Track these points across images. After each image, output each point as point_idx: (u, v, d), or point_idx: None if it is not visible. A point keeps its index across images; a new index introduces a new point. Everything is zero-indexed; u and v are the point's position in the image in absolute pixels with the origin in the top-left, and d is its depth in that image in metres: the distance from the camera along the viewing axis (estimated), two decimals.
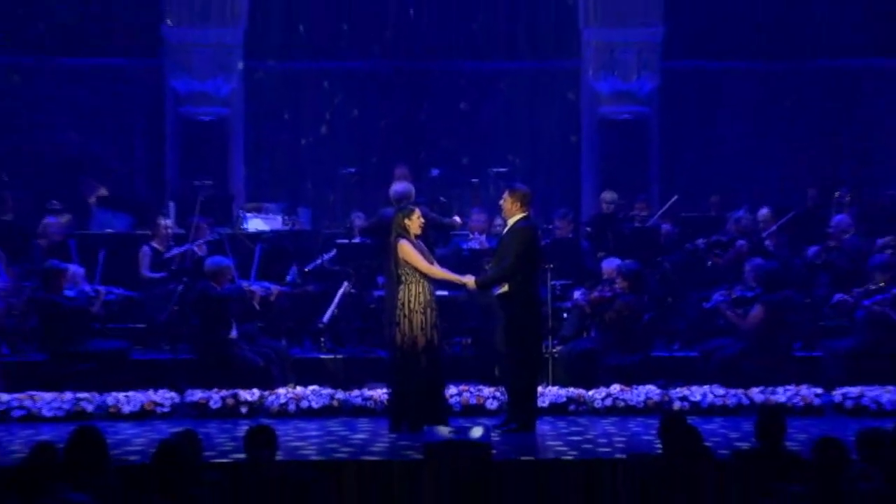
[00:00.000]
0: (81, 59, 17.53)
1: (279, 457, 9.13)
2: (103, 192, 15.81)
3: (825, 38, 17.21)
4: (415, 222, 11.77)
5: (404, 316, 11.70)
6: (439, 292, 12.14)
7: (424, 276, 11.68)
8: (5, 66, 17.59)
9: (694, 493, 7.92)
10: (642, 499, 8.46)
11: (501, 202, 12.12)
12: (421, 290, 11.68)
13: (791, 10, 17.37)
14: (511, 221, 11.84)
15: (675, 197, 15.35)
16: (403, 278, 11.68)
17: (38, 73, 17.56)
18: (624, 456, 10.48)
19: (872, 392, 13.01)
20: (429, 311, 11.73)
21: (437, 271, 11.84)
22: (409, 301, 11.69)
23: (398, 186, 13.17)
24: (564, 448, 11.17)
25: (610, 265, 14.06)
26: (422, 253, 11.77)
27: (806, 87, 17.29)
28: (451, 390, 12.61)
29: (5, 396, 12.88)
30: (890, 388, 13.08)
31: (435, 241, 12.79)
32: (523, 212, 11.81)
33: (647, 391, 13.10)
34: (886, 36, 17.12)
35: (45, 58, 17.08)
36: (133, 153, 17.25)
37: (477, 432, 10.77)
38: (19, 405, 12.78)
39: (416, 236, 11.85)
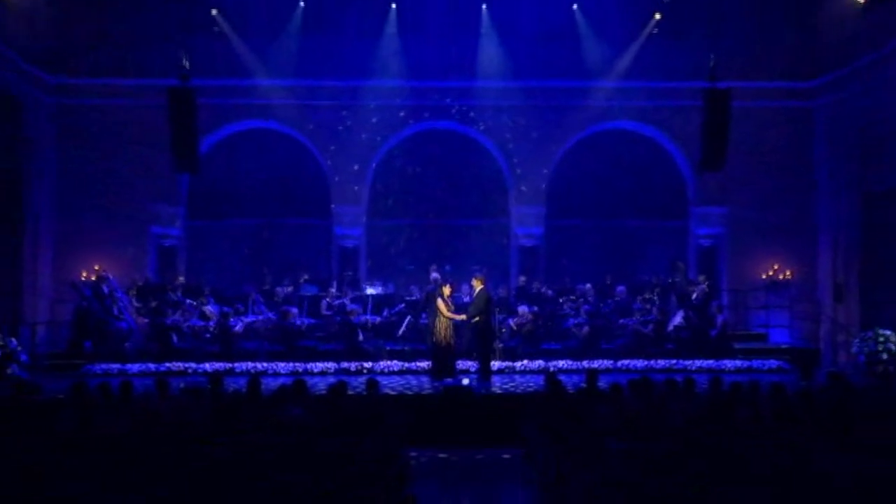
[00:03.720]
0: (291, 219, 16.85)
1: (381, 391, 9.55)
2: (306, 276, 15.63)
3: (617, 207, 16.78)
4: (447, 289, 12.12)
5: (437, 330, 11.98)
6: (455, 321, 12.17)
7: (445, 315, 11.99)
8: (242, 225, 16.83)
9: (560, 408, 8.07)
10: (540, 412, 8.44)
11: (472, 281, 12.47)
12: (444, 320, 11.96)
13: (601, 194, 16.80)
14: (477, 289, 12.14)
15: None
16: (437, 314, 12.02)
17: (273, 229, 16.93)
18: (532, 392, 10.94)
19: (632, 363, 13.39)
20: (448, 329, 11.96)
21: (450, 315, 11.96)
22: (439, 324, 11.97)
23: (433, 275, 13.33)
24: (507, 388, 11.51)
25: (523, 308, 14.28)
26: (447, 304, 12.00)
27: (609, 235, 16.94)
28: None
29: (266, 365, 13.03)
30: (640, 360, 13.44)
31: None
32: (482, 284, 12.14)
33: (539, 363, 13.32)
34: (651, 206, 16.93)
35: (278, 219, 16.89)
36: (318, 260, 17.35)
37: (465, 381, 11.52)
38: (270, 368, 12.97)
39: (449, 295, 12.10)
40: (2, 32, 13.79)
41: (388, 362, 13.36)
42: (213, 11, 15.75)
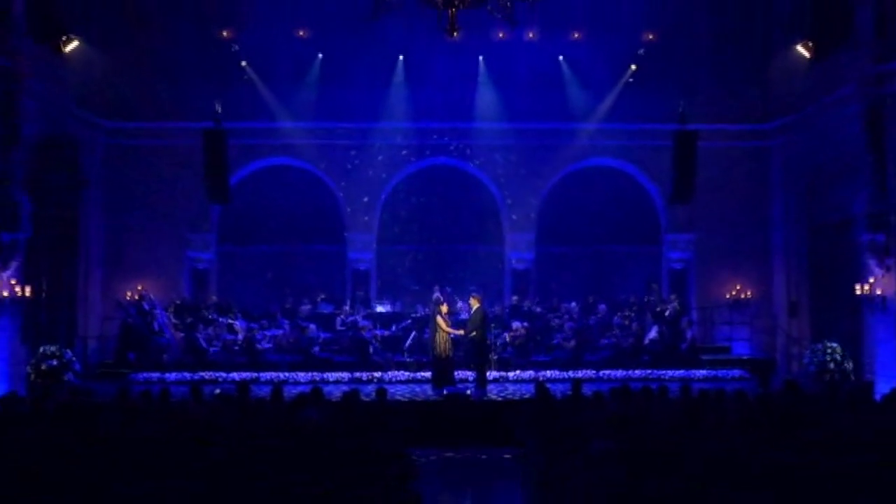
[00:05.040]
0: (310, 245, 16.76)
1: (389, 398, 9.48)
2: (322, 296, 15.53)
3: (599, 234, 16.69)
4: (444, 307, 12.17)
5: (438, 345, 11.92)
6: (453, 335, 12.06)
7: (444, 330, 11.94)
8: (267, 250, 16.68)
9: (549, 412, 8.02)
10: (532, 417, 8.29)
11: (470, 299, 12.34)
12: (443, 335, 11.89)
13: (584, 223, 16.70)
14: (474, 307, 12.01)
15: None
16: (437, 329, 11.95)
17: (294, 253, 16.94)
18: (524, 399, 10.96)
19: (612, 373, 13.41)
20: (447, 343, 11.91)
21: (449, 329, 11.93)
22: (439, 339, 11.90)
23: (435, 295, 13.28)
24: (501, 395, 11.66)
25: (516, 324, 14.33)
26: (445, 320, 11.97)
27: (592, 259, 16.90)
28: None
29: (288, 375, 13.03)
30: (619, 370, 13.44)
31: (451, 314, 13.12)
32: (479, 303, 12.00)
33: (530, 373, 13.29)
34: (628, 234, 16.83)
35: (299, 245, 16.79)
36: (333, 281, 17.37)
37: (468, 391, 11.64)
38: (290, 377, 12.92)
39: (446, 313, 12.12)
40: (64, 83, 14.03)
41: (396, 372, 13.33)
42: (243, 63, 15.98)
